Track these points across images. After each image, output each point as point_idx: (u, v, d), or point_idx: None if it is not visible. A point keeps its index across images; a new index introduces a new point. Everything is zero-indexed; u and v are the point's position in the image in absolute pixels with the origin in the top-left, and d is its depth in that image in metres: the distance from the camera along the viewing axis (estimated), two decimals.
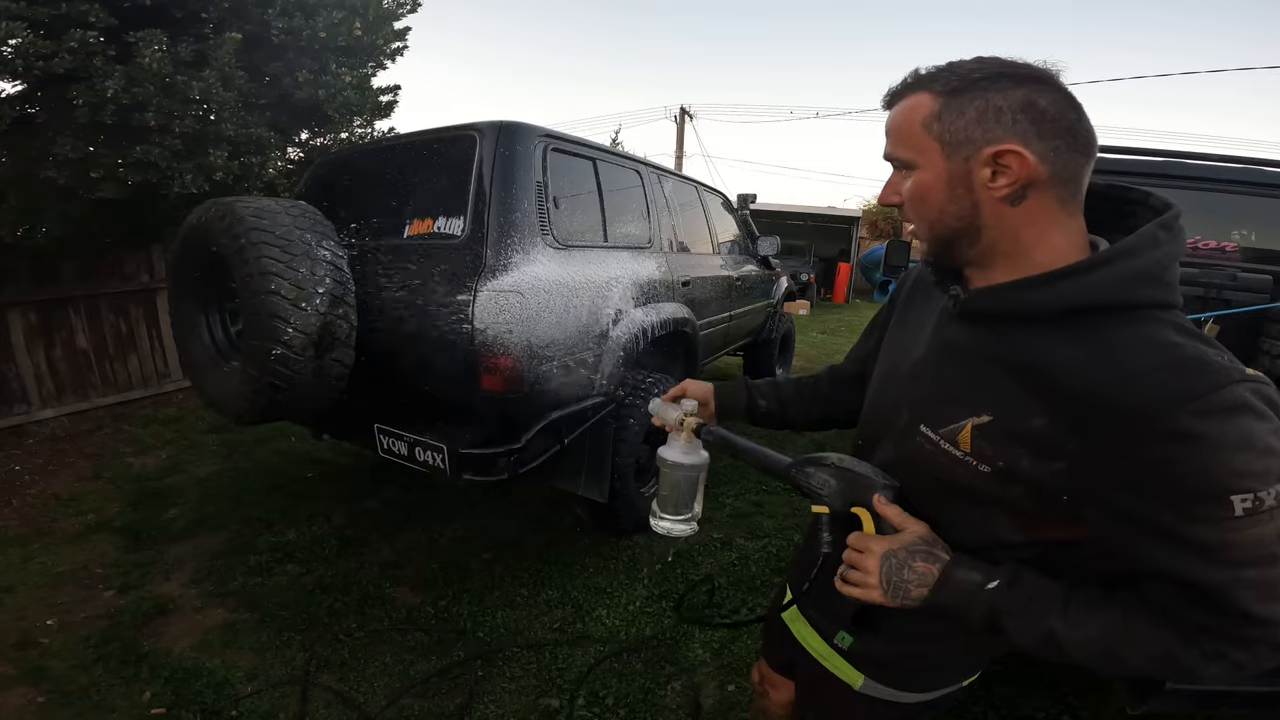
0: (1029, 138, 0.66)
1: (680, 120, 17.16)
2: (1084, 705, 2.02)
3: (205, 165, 3.91)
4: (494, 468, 2.19)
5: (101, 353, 4.79)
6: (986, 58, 0.70)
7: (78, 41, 3.29)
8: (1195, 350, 0.61)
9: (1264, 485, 0.58)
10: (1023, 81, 0.67)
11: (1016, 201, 0.68)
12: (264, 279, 1.98)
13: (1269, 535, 0.59)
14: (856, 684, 0.98)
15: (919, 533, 0.79)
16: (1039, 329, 0.70)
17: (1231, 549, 0.60)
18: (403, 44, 5.49)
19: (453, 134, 2.49)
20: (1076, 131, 0.67)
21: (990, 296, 0.74)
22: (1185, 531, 0.61)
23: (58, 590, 2.61)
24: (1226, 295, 2.71)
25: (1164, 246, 0.67)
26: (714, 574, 2.78)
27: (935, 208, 0.73)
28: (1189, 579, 0.63)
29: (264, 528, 3.10)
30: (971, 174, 0.69)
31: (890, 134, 0.76)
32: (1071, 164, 0.68)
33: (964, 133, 0.68)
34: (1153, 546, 0.64)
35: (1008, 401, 0.70)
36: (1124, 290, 0.66)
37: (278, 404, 2.13)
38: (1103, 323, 0.66)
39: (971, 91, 0.68)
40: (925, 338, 0.86)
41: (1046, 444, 0.67)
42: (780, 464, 0.94)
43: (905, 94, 0.74)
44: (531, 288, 2.24)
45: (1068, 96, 0.68)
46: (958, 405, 0.75)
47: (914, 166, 0.73)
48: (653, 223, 3.31)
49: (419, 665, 2.19)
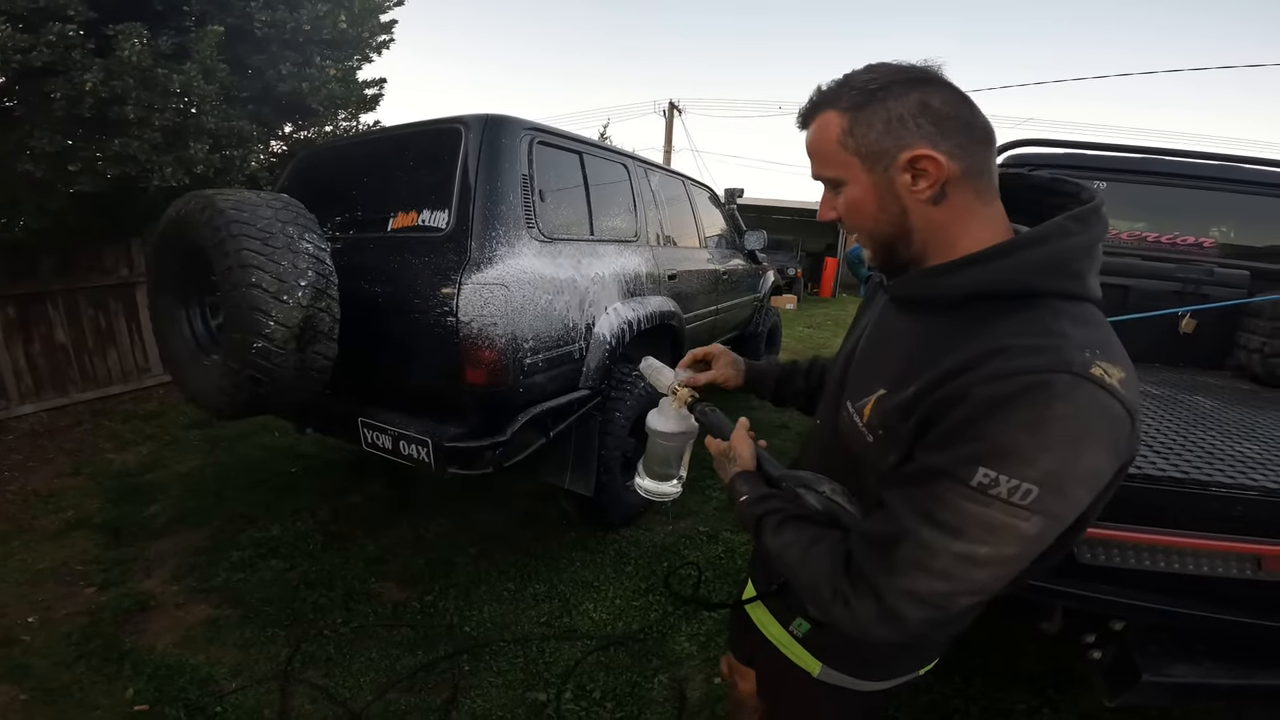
0: (934, 139, 0.68)
1: (669, 115, 17.15)
2: (1063, 698, 2.05)
3: (186, 158, 3.87)
4: (479, 461, 2.18)
5: (80, 347, 4.72)
6: (877, 65, 0.73)
7: (56, 35, 3.23)
8: (1063, 339, 0.61)
9: (1012, 473, 0.58)
10: (914, 85, 0.69)
11: (939, 200, 0.71)
12: (245, 272, 1.95)
13: (971, 515, 0.60)
14: (815, 671, 0.99)
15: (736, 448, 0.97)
16: (948, 312, 0.72)
17: (936, 507, 0.62)
18: (389, 37, 5.45)
19: (438, 127, 2.48)
20: (973, 125, 0.70)
21: (908, 283, 0.78)
22: (928, 478, 0.64)
23: (38, 587, 2.57)
24: (1204, 290, 2.75)
25: (1074, 237, 0.68)
26: (701, 565, 2.79)
27: (870, 218, 0.75)
28: (886, 513, 0.68)
29: (247, 523, 3.07)
30: (894, 182, 0.71)
31: (812, 155, 0.78)
32: (978, 156, 0.70)
33: (877, 144, 0.70)
34: (891, 484, 0.70)
35: (900, 377, 0.72)
36: (1023, 277, 0.67)
37: (259, 398, 2.11)
38: (1002, 308, 0.67)
39: (872, 104, 0.70)
40: (869, 326, 0.90)
41: (907, 410, 0.69)
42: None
43: (814, 114, 0.76)
44: (516, 281, 2.23)
45: (957, 93, 0.70)
46: (873, 381, 0.77)
47: (842, 183, 0.76)
48: (639, 216, 3.30)
49: (405, 660, 2.18)
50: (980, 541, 0.61)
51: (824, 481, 0.84)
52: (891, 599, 0.65)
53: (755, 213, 15.63)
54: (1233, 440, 1.69)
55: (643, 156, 3.74)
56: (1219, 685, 1.47)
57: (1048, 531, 0.61)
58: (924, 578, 0.64)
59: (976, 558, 0.62)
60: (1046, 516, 0.60)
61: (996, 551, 0.62)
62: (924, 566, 0.63)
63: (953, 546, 0.62)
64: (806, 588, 0.76)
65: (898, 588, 0.65)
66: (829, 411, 0.92)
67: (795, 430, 4.56)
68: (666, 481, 1.13)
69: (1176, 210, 2.92)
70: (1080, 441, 0.58)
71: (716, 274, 4.24)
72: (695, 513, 3.24)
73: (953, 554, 0.62)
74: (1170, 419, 1.88)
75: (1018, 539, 0.61)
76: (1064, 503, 0.60)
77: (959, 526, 0.61)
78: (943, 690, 2.06)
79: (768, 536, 0.82)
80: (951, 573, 0.63)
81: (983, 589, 0.65)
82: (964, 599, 0.65)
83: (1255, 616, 1.41)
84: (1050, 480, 0.58)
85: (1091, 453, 0.59)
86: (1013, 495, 0.58)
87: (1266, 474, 1.45)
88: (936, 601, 0.65)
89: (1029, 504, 0.59)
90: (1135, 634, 1.54)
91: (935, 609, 0.66)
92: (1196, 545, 1.40)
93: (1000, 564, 0.63)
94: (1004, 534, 0.60)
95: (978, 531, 0.61)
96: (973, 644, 2.23)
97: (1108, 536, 1.42)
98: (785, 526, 0.81)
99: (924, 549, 0.63)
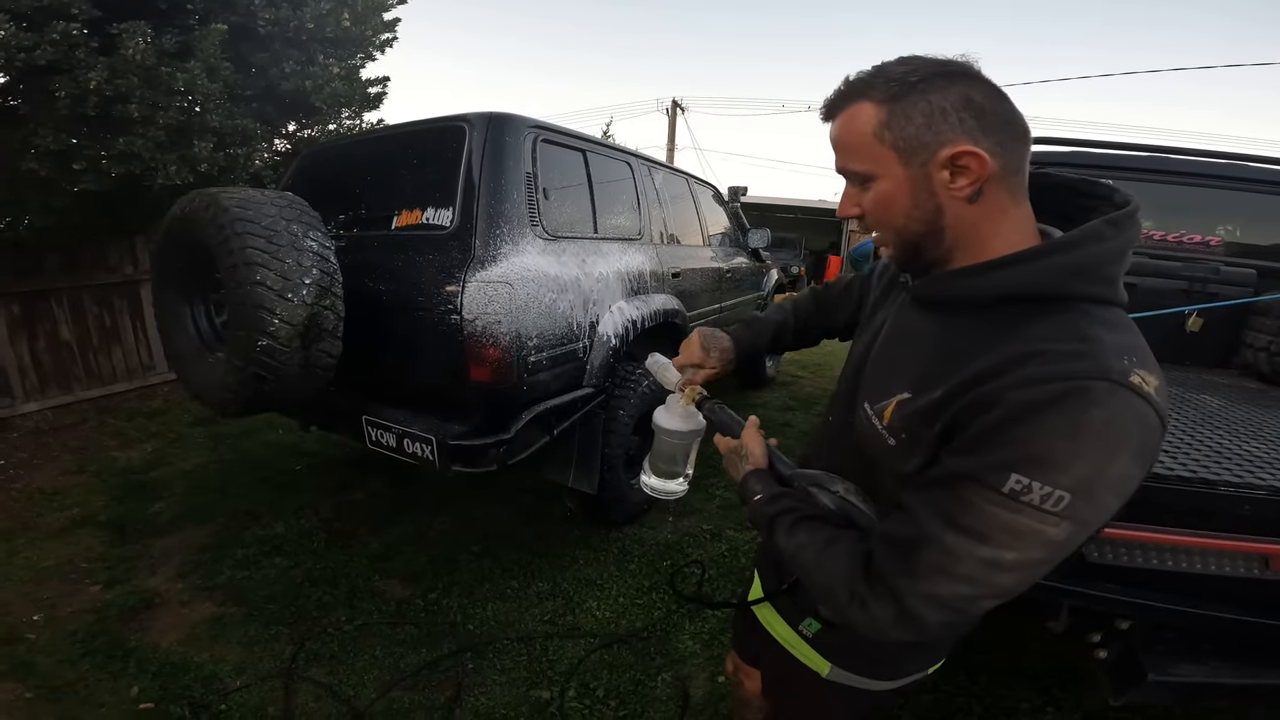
0: (976, 135, 0.66)
1: (672, 113, 17.13)
2: (1067, 696, 2.04)
3: (190, 156, 3.88)
4: (483, 459, 2.18)
5: (85, 345, 4.73)
6: (910, 58, 0.70)
7: (60, 33, 3.25)
8: (1099, 345, 0.60)
9: (1045, 479, 0.57)
10: (955, 79, 0.67)
11: (976, 199, 0.68)
12: (249, 270, 1.95)
13: (999, 521, 0.59)
14: (824, 671, 0.98)
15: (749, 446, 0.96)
16: (975, 314, 0.71)
17: (962, 512, 0.61)
18: (392, 35, 5.46)
19: (442, 125, 2.48)
20: (1013, 121, 0.68)
21: (935, 283, 0.75)
22: (956, 483, 0.63)
23: (43, 585, 2.58)
24: (1211, 289, 2.74)
25: (1108, 242, 0.66)
26: (705, 563, 2.79)
27: (901, 215, 0.72)
28: (907, 516, 0.67)
29: (251, 521, 3.08)
30: (931, 178, 0.68)
31: (840, 148, 0.75)
32: (1016, 154, 0.68)
33: (917, 138, 0.67)
34: (914, 488, 0.68)
35: (926, 379, 0.70)
36: (1057, 281, 0.66)
37: (264, 395, 2.11)
38: (1032, 311, 0.66)
39: (912, 95, 0.67)
40: (883, 325, 0.87)
41: (933, 413, 0.67)
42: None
43: (844, 105, 0.73)
44: (520, 279, 2.23)
45: (995, 88, 0.68)
46: (892, 382, 0.76)
47: (872, 177, 0.72)
48: (643, 214, 3.30)
49: (409, 658, 2.18)
50: (1007, 547, 0.60)
51: (837, 481, 0.83)
52: (912, 602, 0.64)
53: (759, 211, 15.60)
54: (1240, 439, 1.69)
55: (646, 155, 3.74)
56: (1225, 685, 1.46)
57: (1075, 537, 0.60)
58: (946, 582, 0.63)
59: (1002, 563, 0.61)
60: (1075, 523, 0.59)
61: (1022, 556, 0.61)
62: (947, 571, 0.63)
63: (978, 552, 0.61)
64: (822, 589, 0.75)
65: (919, 591, 0.64)
66: (842, 410, 0.91)
67: (799, 430, 4.55)
68: (673, 480, 1.11)
69: (1183, 209, 2.91)
70: (1116, 449, 0.57)
71: (720, 272, 4.23)
72: (699, 510, 3.24)
73: (978, 559, 0.61)
74: (1178, 418, 1.87)
75: (1045, 545, 0.60)
76: (1094, 509, 0.59)
77: (985, 532, 0.60)
78: (947, 688, 2.05)
79: (781, 537, 0.81)
80: (975, 577, 0.62)
81: (1005, 593, 0.64)
82: (986, 603, 0.65)
83: (1262, 616, 1.41)
84: (1083, 487, 0.57)
85: (1124, 460, 0.58)
86: (1045, 502, 0.57)
87: (1274, 473, 1.44)
88: (958, 605, 0.64)
89: (1060, 510, 0.58)
90: (1141, 633, 1.53)
91: (956, 612, 0.65)
92: (1204, 544, 1.39)
93: (1025, 569, 0.62)
94: (1031, 540, 0.60)
95: (1005, 537, 0.60)
96: (977, 641, 2.22)
97: (1115, 535, 1.41)
98: (800, 527, 0.80)
99: (948, 554, 0.62)
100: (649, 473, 1.14)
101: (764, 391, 5.70)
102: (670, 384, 1.11)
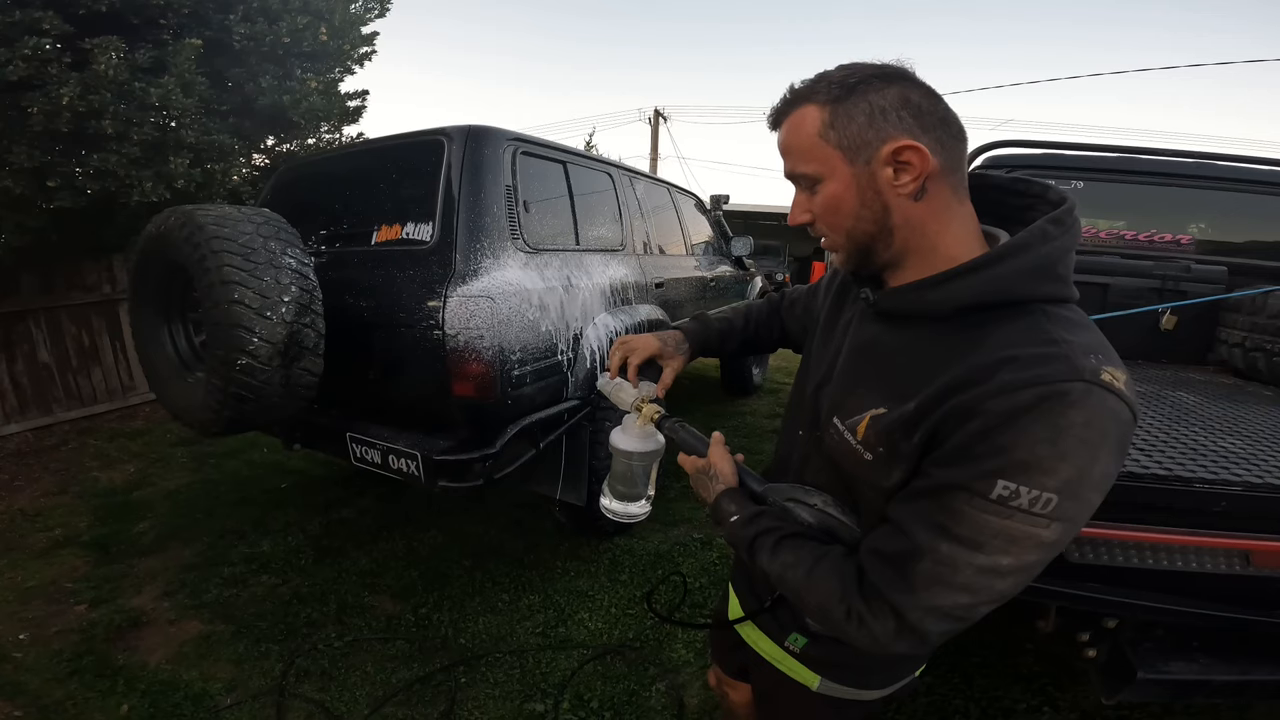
0: (916, 131, 0.68)
1: (654, 122, 17.19)
2: (1063, 696, 2.06)
3: (166, 173, 3.84)
4: (469, 474, 2.17)
5: (64, 366, 4.67)
6: (849, 64, 0.72)
7: (31, 49, 3.20)
8: (1067, 346, 0.62)
9: (1032, 484, 0.59)
10: (892, 80, 0.70)
11: (920, 196, 0.70)
12: (227, 288, 1.93)
13: (992, 528, 0.61)
14: (813, 685, 0.98)
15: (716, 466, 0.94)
16: (938, 323, 0.72)
17: (954, 522, 0.62)
18: (371, 49, 5.43)
19: (420, 139, 2.47)
20: (949, 120, 0.70)
21: (894, 297, 0.76)
22: (944, 493, 0.64)
23: (27, 605, 2.55)
24: (1183, 286, 2.78)
25: (1054, 241, 0.68)
26: (688, 573, 2.79)
27: (850, 215, 0.73)
28: (897, 529, 0.68)
29: (237, 539, 3.05)
30: (876, 175, 0.70)
31: (787, 153, 0.76)
32: (955, 152, 0.70)
33: (859, 136, 0.69)
34: (901, 501, 0.69)
35: (897, 392, 0.71)
36: (1013, 286, 0.67)
37: (245, 415, 2.09)
38: (993, 318, 0.67)
39: (853, 96, 0.69)
40: (844, 338, 0.88)
41: (910, 425, 0.68)
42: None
43: (789, 110, 0.74)
44: (502, 293, 2.22)
45: (930, 89, 0.71)
46: (862, 398, 0.76)
47: (820, 179, 0.74)
48: (625, 225, 3.31)
49: (400, 673, 2.17)
50: (1002, 553, 0.62)
51: (814, 493, 0.83)
52: (913, 616, 0.65)
53: (742, 218, 15.66)
54: (1216, 435, 1.71)
55: (628, 165, 3.75)
56: (1216, 681, 1.47)
57: (1065, 536, 0.62)
58: (945, 592, 0.64)
59: (999, 569, 0.62)
60: (1064, 522, 0.60)
61: (1018, 561, 0.62)
62: (945, 581, 0.64)
63: (975, 560, 0.62)
64: (815, 609, 0.75)
65: (920, 604, 0.65)
66: (809, 425, 0.90)
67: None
68: (634, 502, 1.08)
69: (1154, 208, 2.96)
70: (1096, 448, 0.59)
71: (704, 281, 4.25)
72: (688, 520, 3.24)
73: (975, 567, 0.62)
74: (1154, 415, 1.89)
75: (1038, 547, 0.61)
76: (1080, 507, 0.61)
77: (980, 540, 0.62)
78: (943, 690, 2.07)
79: (764, 559, 0.80)
80: (974, 586, 0.63)
81: (1003, 597, 0.65)
82: (985, 608, 0.66)
83: (1248, 612, 1.42)
84: (1068, 488, 0.59)
85: (1105, 457, 0.60)
86: (1034, 506, 0.59)
87: (1250, 469, 1.45)
88: (958, 614, 0.65)
89: (1049, 512, 0.59)
90: (1129, 631, 1.54)
91: (956, 621, 0.66)
92: (1184, 542, 1.40)
93: (1022, 572, 0.63)
94: (1025, 544, 0.61)
95: (1000, 543, 0.61)
96: (973, 643, 2.24)
97: (1095, 535, 1.42)
98: (782, 546, 0.79)
99: (944, 564, 0.63)
100: (608, 495, 1.10)
101: (751, 399, 5.71)
102: (625, 404, 1.07)
